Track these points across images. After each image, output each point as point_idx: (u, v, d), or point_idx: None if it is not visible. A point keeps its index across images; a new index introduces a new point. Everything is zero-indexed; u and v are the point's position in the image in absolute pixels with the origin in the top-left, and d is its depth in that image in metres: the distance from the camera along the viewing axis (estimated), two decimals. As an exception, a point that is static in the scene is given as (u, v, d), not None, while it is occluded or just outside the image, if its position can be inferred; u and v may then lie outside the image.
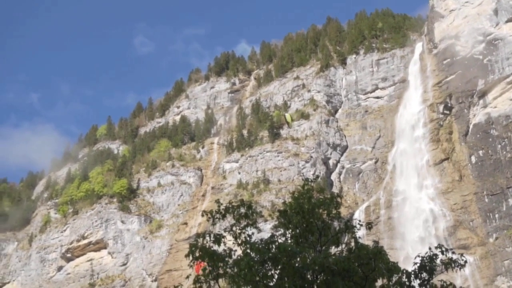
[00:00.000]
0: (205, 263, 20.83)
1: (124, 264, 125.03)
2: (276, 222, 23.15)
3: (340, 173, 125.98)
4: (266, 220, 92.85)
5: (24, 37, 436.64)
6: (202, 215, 23.07)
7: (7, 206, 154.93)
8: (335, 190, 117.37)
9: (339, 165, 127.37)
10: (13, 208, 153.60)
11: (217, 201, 22.74)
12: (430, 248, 21.48)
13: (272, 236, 21.14)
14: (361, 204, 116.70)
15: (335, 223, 22.59)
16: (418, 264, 21.11)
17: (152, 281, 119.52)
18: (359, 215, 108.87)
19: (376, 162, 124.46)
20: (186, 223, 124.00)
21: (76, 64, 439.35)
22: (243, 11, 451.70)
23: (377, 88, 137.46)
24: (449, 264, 21.11)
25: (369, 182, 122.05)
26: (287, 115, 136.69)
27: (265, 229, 64.28)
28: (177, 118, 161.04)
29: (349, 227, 21.97)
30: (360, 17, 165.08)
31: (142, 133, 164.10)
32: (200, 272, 20.96)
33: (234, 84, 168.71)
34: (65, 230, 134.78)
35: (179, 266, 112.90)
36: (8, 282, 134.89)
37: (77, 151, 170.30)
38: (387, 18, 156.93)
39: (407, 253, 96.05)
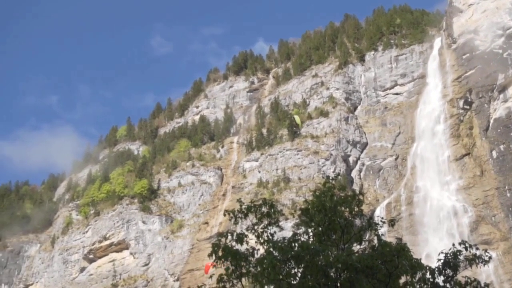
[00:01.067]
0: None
1: (146, 264, 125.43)
2: (297, 220, 23.16)
3: (360, 170, 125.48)
4: (287, 219, 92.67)
5: (42, 39, 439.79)
6: (225, 215, 23.12)
7: (29, 208, 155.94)
8: (355, 187, 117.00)
9: (359, 162, 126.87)
10: (35, 210, 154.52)
11: (239, 201, 22.85)
12: (453, 245, 21.36)
13: (295, 234, 21.14)
14: (382, 201, 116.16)
15: (357, 221, 22.55)
16: (442, 261, 21.00)
17: (174, 281, 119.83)
18: (380, 212, 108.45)
19: (396, 159, 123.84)
20: (207, 223, 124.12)
21: (95, 65, 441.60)
22: (260, 10, 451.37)
23: (396, 85, 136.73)
24: (473, 260, 21.00)
25: (389, 178, 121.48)
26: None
27: (286, 228, 64.15)
28: (196, 118, 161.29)
29: (371, 224, 21.92)
30: (378, 13, 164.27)
31: (162, 133, 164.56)
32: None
33: (252, 83, 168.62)
34: (87, 231, 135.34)
35: (201, 265, 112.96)
36: (32, 284, 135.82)
37: (98, 153, 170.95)
38: (405, 14, 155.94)
39: (429, 250, 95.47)
